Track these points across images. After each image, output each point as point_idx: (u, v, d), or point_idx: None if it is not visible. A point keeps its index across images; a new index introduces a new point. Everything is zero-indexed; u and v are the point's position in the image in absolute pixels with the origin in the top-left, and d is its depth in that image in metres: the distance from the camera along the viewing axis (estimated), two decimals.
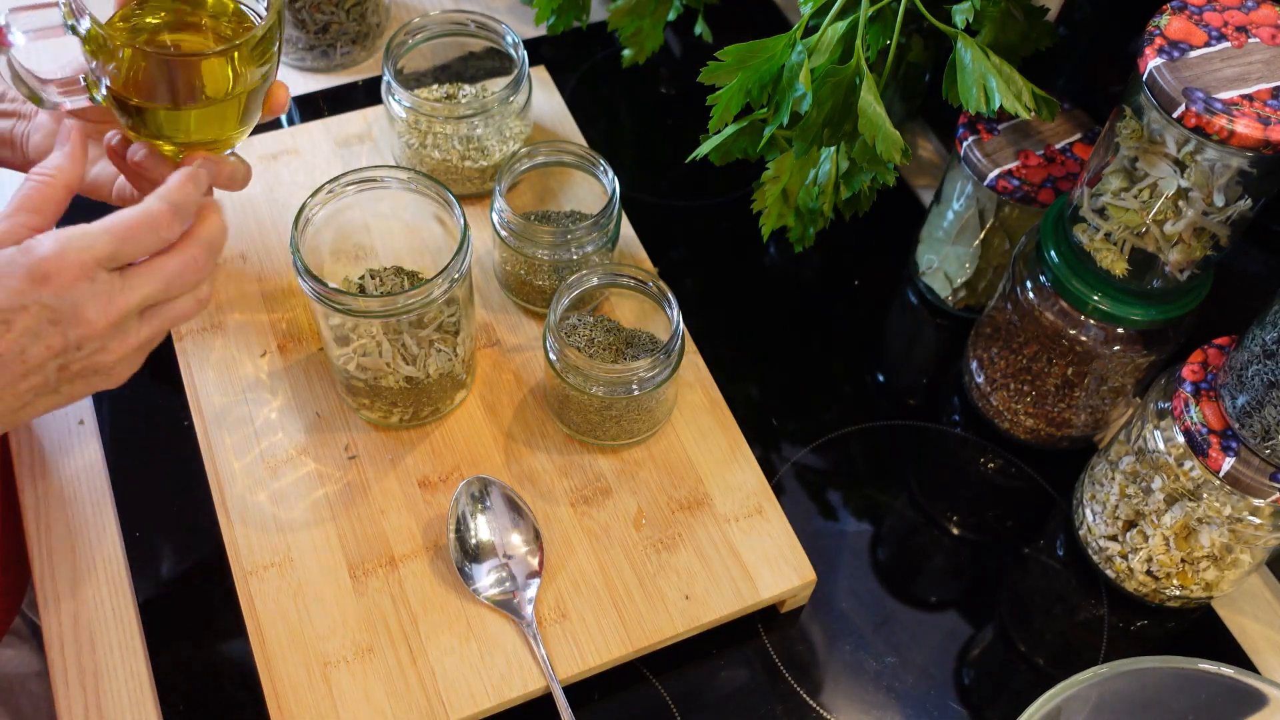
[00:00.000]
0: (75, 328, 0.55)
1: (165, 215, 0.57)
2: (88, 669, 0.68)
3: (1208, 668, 0.60)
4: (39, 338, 0.54)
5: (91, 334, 0.55)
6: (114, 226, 0.55)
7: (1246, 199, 0.61)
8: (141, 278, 0.57)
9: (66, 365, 0.56)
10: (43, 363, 0.55)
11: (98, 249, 0.55)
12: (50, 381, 0.56)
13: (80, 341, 0.55)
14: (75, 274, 0.54)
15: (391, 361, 0.71)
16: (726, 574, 0.70)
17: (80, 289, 0.54)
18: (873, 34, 0.72)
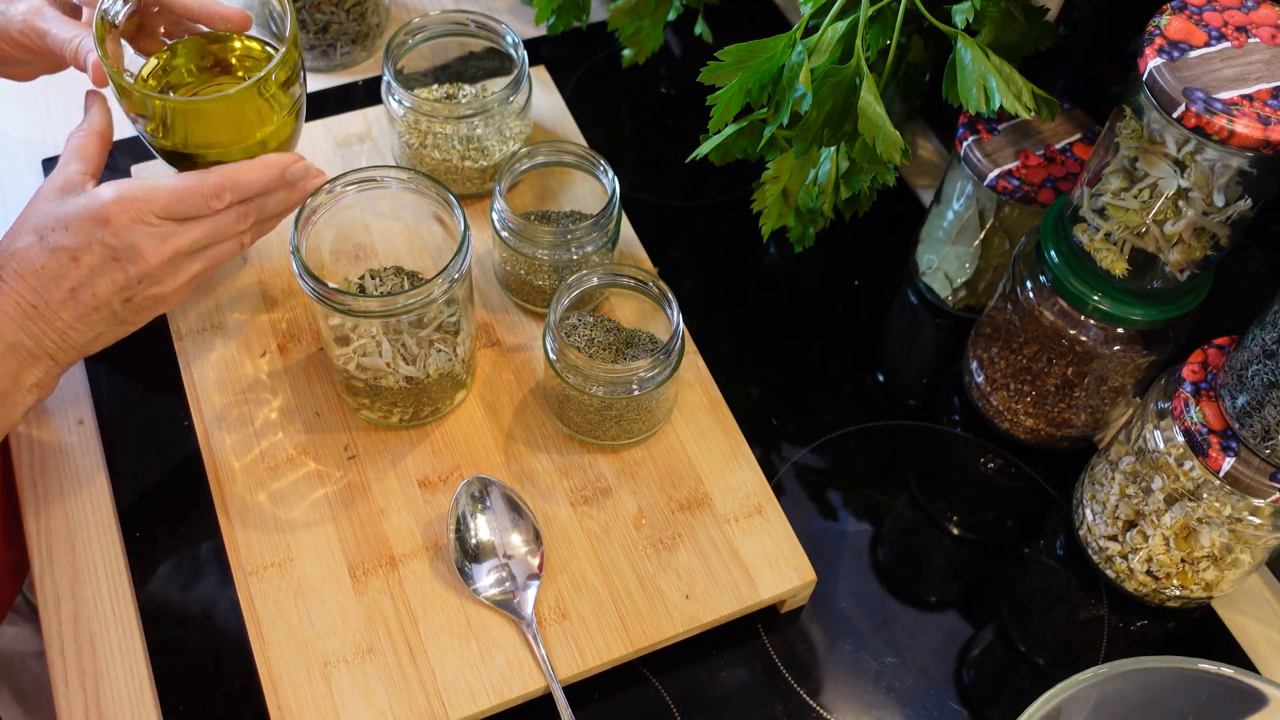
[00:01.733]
0: (134, 264, 0.63)
1: (220, 189, 0.65)
2: (88, 669, 0.68)
3: (1208, 668, 0.60)
4: (104, 273, 0.62)
5: (149, 270, 0.63)
6: (174, 187, 0.64)
7: (1246, 199, 0.61)
8: (193, 224, 0.65)
9: (130, 298, 0.64)
10: (109, 296, 0.63)
11: (154, 201, 0.63)
12: (118, 312, 0.65)
13: (140, 276, 0.63)
14: (132, 217, 0.62)
15: (391, 361, 0.71)
16: (726, 574, 0.70)
17: (137, 231, 0.62)
18: (873, 34, 0.72)
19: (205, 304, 0.80)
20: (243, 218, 0.67)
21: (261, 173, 0.66)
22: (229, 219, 0.66)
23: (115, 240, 0.62)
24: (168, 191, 0.63)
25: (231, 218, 0.66)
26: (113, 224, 0.62)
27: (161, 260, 0.63)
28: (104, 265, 0.62)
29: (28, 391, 0.64)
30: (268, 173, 0.67)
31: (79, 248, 0.62)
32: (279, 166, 0.67)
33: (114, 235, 0.62)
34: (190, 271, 0.66)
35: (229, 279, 0.81)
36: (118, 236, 0.62)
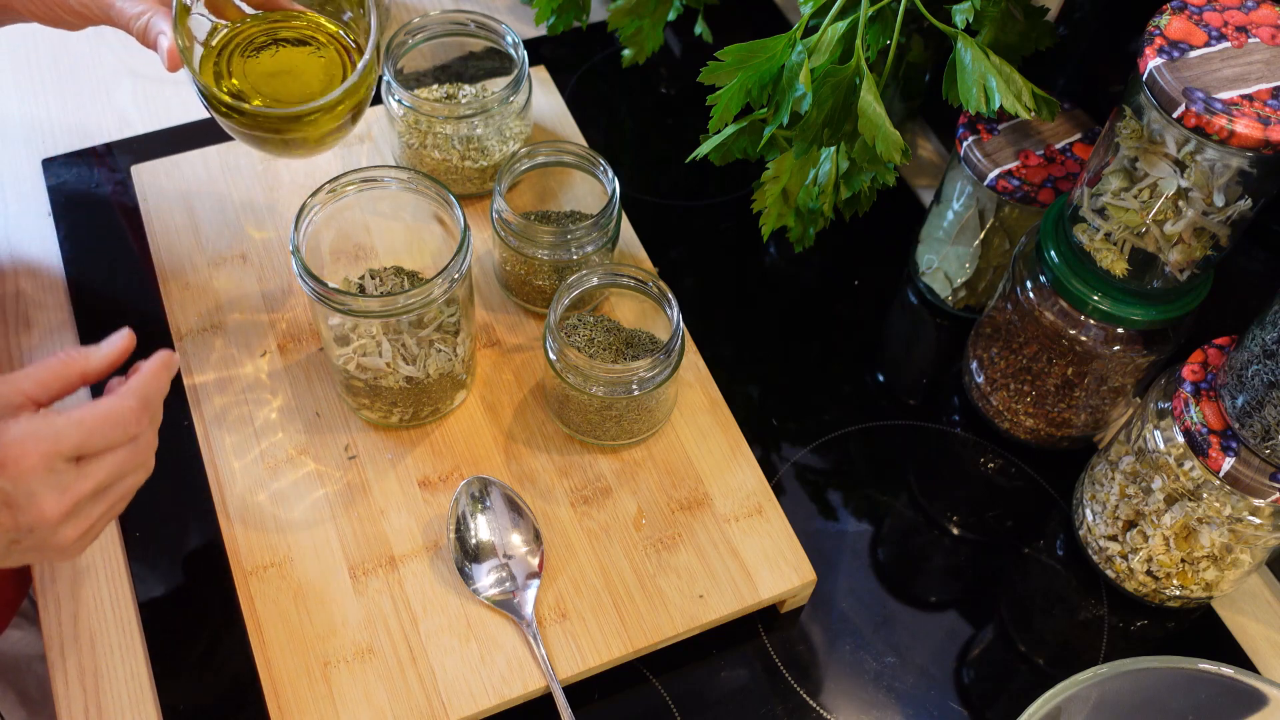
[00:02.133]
0: (27, 514, 0.55)
1: (135, 412, 0.58)
2: (88, 669, 0.68)
3: (1208, 668, 0.60)
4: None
5: (43, 521, 0.55)
6: (84, 420, 0.56)
7: (1246, 199, 0.61)
8: (96, 465, 0.57)
9: (17, 540, 0.56)
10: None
11: (63, 443, 0.55)
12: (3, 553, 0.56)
13: (32, 526, 0.55)
14: (35, 464, 0.54)
15: (391, 361, 0.71)
16: (726, 574, 0.70)
17: (37, 479, 0.54)
18: (873, 34, 0.72)
19: (205, 304, 0.80)
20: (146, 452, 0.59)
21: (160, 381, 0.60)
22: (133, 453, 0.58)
23: (11, 487, 0.54)
24: (79, 429, 0.55)
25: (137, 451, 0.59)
26: (10, 470, 0.54)
27: (61, 512, 0.55)
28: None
29: None
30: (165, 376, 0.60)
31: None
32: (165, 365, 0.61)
33: (11, 482, 0.54)
34: (92, 518, 0.57)
35: (229, 279, 0.81)
36: (14, 483, 0.54)
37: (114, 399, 0.58)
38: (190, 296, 0.80)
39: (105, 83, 0.96)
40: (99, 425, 0.56)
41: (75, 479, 0.56)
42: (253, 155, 0.88)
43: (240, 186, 0.86)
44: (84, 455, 0.56)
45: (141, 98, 0.95)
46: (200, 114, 0.94)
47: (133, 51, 0.99)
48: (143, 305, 0.81)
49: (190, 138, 0.91)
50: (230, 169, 0.87)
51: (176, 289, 0.81)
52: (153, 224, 0.84)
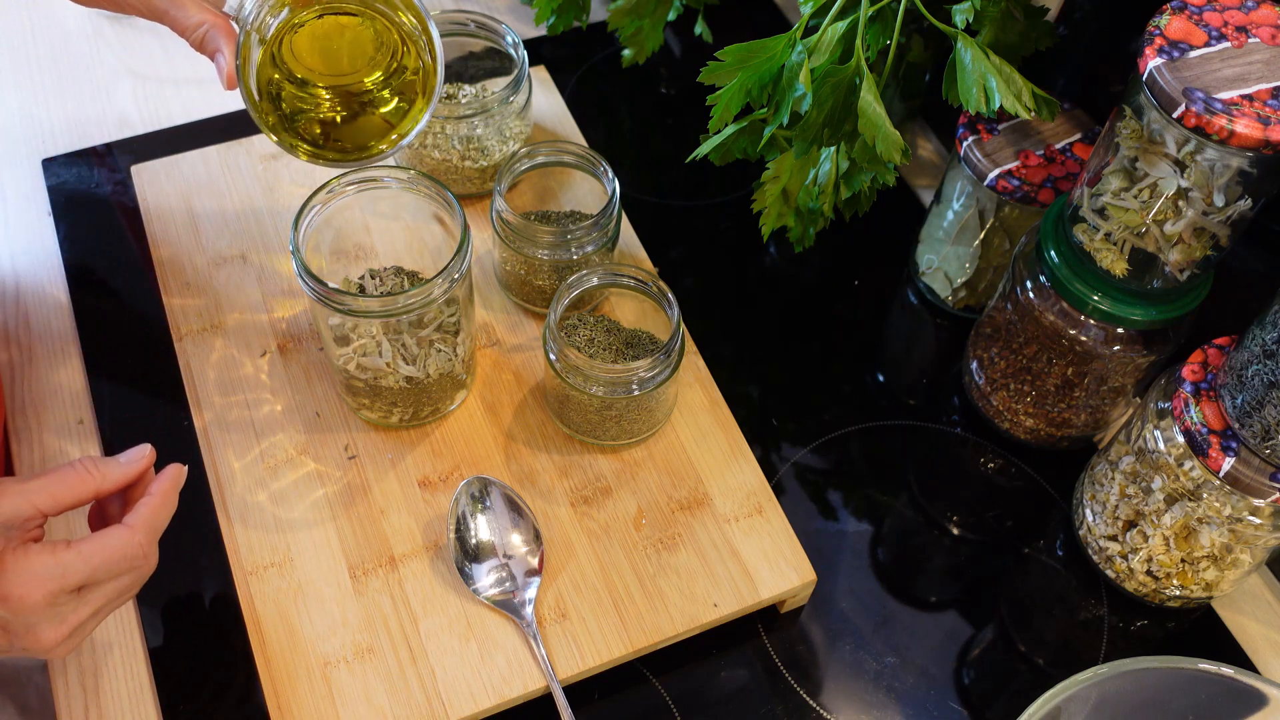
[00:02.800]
0: (23, 640, 0.56)
1: (144, 548, 0.58)
2: (88, 669, 0.68)
3: (1208, 668, 0.60)
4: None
5: (39, 646, 0.56)
6: (91, 557, 0.56)
7: (1246, 199, 0.61)
8: (97, 593, 0.57)
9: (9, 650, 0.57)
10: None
11: (68, 580, 0.55)
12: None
13: (26, 648, 0.56)
14: (38, 601, 0.55)
15: (391, 361, 0.71)
16: (726, 574, 0.70)
17: (38, 614, 0.55)
18: (873, 34, 0.72)
19: (205, 304, 0.80)
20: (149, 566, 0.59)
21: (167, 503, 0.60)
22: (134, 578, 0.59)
23: (11, 617, 0.54)
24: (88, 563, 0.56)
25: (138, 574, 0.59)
26: (12, 603, 0.54)
27: (57, 639, 0.56)
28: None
29: None
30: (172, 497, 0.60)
31: None
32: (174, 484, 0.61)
33: (11, 613, 0.54)
34: (86, 632, 0.58)
35: (230, 279, 0.81)
36: (14, 615, 0.54)
37: (123, 533, 0.58)
38: (190, 296, 0.80)
39: (105, 83, 0.96)
40: (106, 562, 0.57)
41: (75, 609, 0.57)
42: (253, 155, 0.88)
43: (240, 186, 0.86)
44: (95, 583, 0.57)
45: (141, 98, 0.95)
46: (200, 114, 0.94)
47: (133, 51, 0.99)
48: (143, 305, 0.81)
49: (190, 138, 0.92)
50: (230, 169, 0.87)
51: (176, 289, 0.81)
52: (153, 224, 0.84)
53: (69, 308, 0.82)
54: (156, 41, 0.99)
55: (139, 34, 1.00)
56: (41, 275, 0.84)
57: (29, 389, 0.79)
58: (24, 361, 0.80)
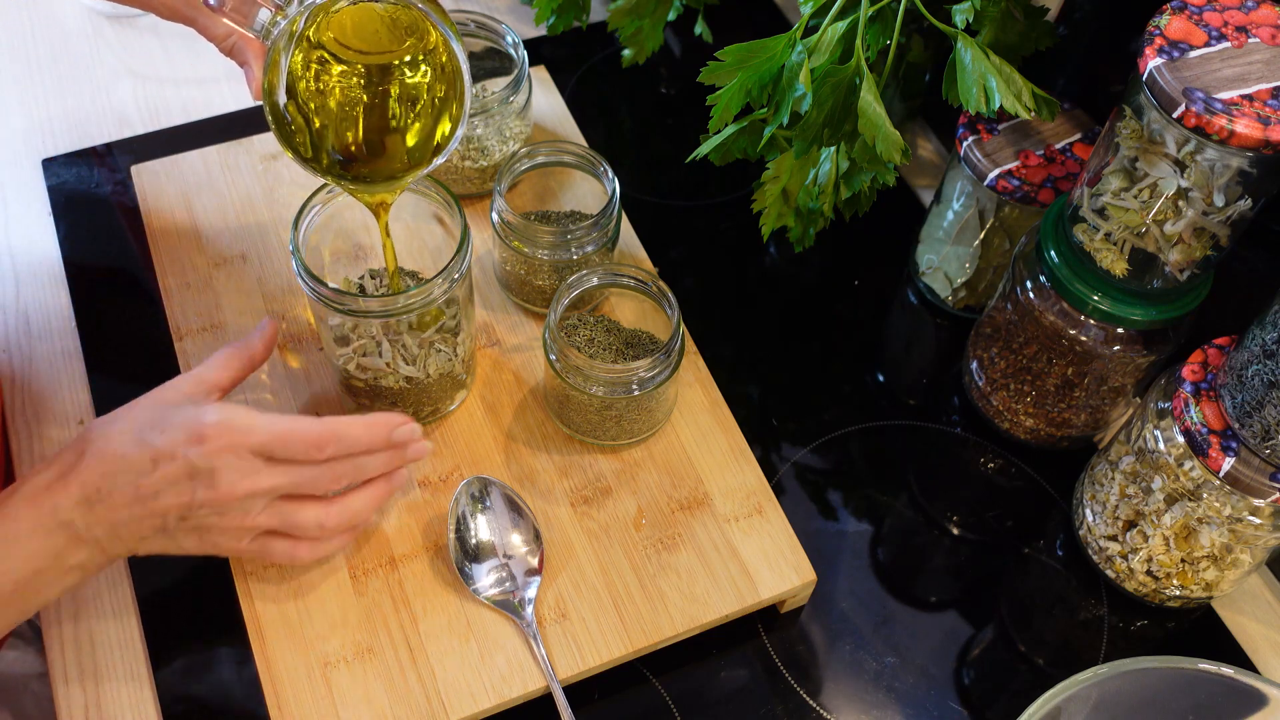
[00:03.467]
0: (206, 489, 0.60)
1: (321, 439, 0.62)
2: (88, 669, 0.68)
3: (1208, 668, 0.60)
4: (174, 486, 0.60)
5: (216, 499, 0.60)
6: (277, 426, 0.61)
7: (1246, 199, 0.61)
8: (280, 469, 0.62)
9: (186, 518, 0.61)
10: (168, 510, 0.60)
11: (254, 436, 0.61)
12: (170, 528, 0.61)
13: (205, 502, 0.60)
14: (224, 445, 0.60)
15: (391, 361, 0.71)
16: (726, 574, 0.70)
17: (224, 458, 0.60)
18: (873, 34, 0.72)
19: (205, 303, 0.80)
20: (335, 478, 0.64)
21: (367, 431, 0.64)
22: (319, 472, 0.63)
23: (201, 461, 0.60)
24: (270, 429, 0.61)
25: (324, 473, 0.63)
26: (205, 445, 0.60)
27: (234, 496, 0.60)
28: (178, 479, 0.60)
29: (68, 572, 0.61)
30: (374, 432, 0.64)
31: (164, 454, 0.60)
32: (387, 426, 0.64)
33: (202, 456, 0.60)
34: (255, 520, 0.62)
35: (230, 279, 0.81)
36: (205, 458, 0.60)
37: (307, 419, 0.63)
38: (190, 296, 0.80)
39: (105, 83, 0.96)
40: (286, 432, 0.61)
41: (256, 470, 0.61)
42: (253, 155, 0.88)
43: (240, 186, 0.86)
44: (270, 456, 0.61)
45: (141, 98, 0.95)
46: (200, 114, 0.94)
47: (133, 51, 0.99)
48: (143, 305, 0.81)
49: (190, 138, 0.92)
50: (230, 169, 0.87)
51: (176, 289, 0.81)
52: (153, 224, 0.84)
53: (69, 308, 0.82)
54: (156, 41, 0.99)
55: (139, 34, 1.00)
56: (41, 275, 0.84)
57: (29, 389, 0.79)
58: (24, 361, 0.80)
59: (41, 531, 0.59)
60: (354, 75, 0.64)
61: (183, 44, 0.99)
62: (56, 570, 0.60)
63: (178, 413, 0.61)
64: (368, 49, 0.64)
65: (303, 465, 0.63)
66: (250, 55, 0.68)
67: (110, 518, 0.60)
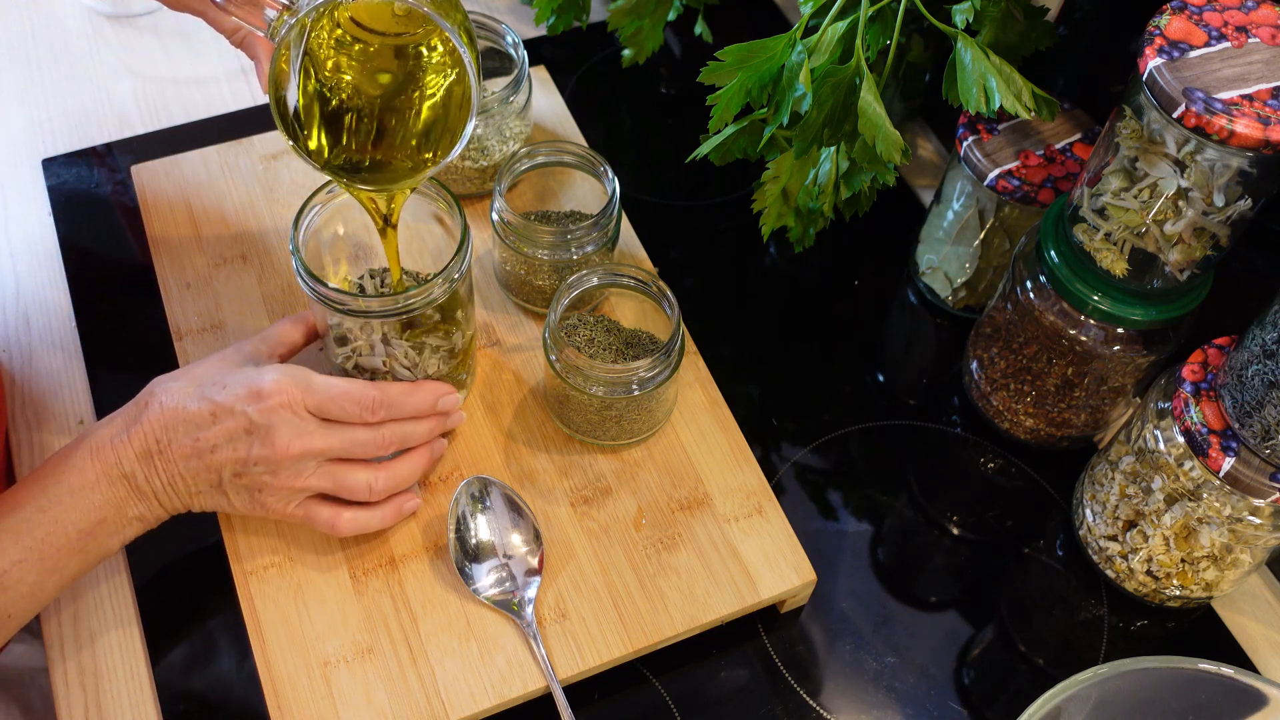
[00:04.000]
0: (262, 445, 0.63)
1: (375, 402, 0.66)
2: (88, 669, 0.68)
3: (1208, 668, 0.60)
4: (232, 441, 0.63)
5: (271, 456, 0.63)
6: (331, 386, 0.65)
7: (1246, 199, 0.61)
8: (334, 431, 0.65)
9: (241, 474, 0.64)
10: (224, 464, 0.63)
11: (309, 395, 0.64)
12: (224, 482, 0.64)
13: (260, 459, 0.63)
14: (283, 401, 0.63)
15: (387, 361, 0.71)
16: (726, 574, 0.70)
17: (281, 415, 0.63)
18: (873, 34, 0.72)
19: (205, 303, 0.80)
20: (385, 443, 0.67)
21: (416, 397, 0.68)
22: (370, 436, 0.66)
23: (259, 417, 0.63)
24: (326, 390, 0.64)
25: (375, 437, 0.66)
26: (264, 401, 0.63)
27: (289, 454, 0.63)
28: (236, 434, 0.63)
29: (128, 523, 0.63)
30: (421, 398, 0.69)
31: (224, 409, 0.63)
32: (434, 394, 0.69)
33: (260, 412, 0.63)
34: (306, 481, 0.65)
35: (230, 279, 0.81)
36: (263, 415, 0.63)
37: (365, 384, 0.67)
38: (190, 296, 0.80)
39: (105, 83, 0.96)
40: (341, 393, 0.65)
41: (314, 429, 0.64)
42: (253, 155, 0.88)
43: (240, 186, 0.86)
44: (324, 416, 0.65)
45: (141, 98, 0.95)
46: (200, 114, 0.94)
47: (133, 51, 0.99)
48: (143, 305, 0.81)
49: (190, 138, 0.92)
50: (230, 169, 0.87)
51: (176, 289, 0.81)
52: (153, 224, 0.84)
53: (69, 308, 0.82)
54: (156, 41, 0.99)
55: (139, 34, 1.00)
56: (41, 275, 0.84)
57: (29, 389, 0.79)
58: (24, 361, 0.80)
59: (105, 482, 0.62)
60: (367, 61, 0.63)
61: (183, 44, 0.99)
62: (118, 521, 0.63)
63: (239, 371, 0.65)
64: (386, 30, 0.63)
65: (355, 428, 0.66)
66: (259, 50, 0.68)
67: (169, 470, 0.63)
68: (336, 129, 0.64)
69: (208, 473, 0.63)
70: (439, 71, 0.64)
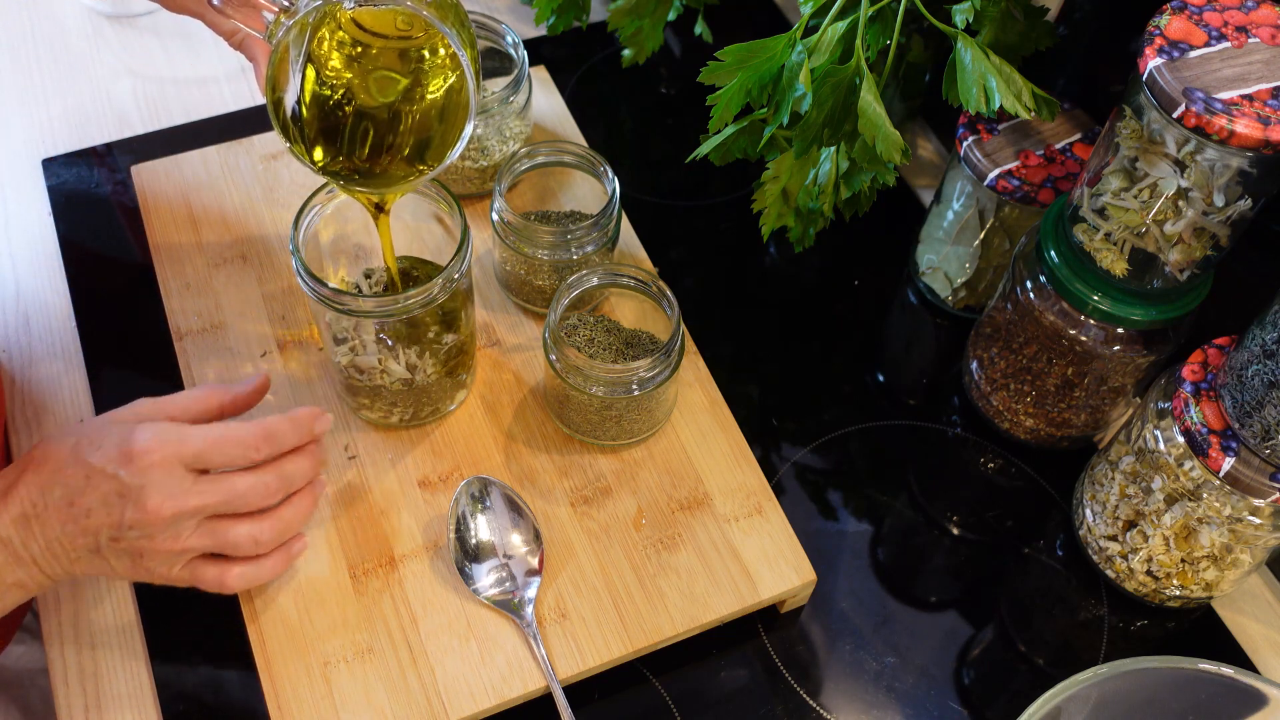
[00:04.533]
0: (135, 509, 0.59)
1: (256, 439, 0.62)
2: (88, 669, 0.68)
3: (1208, 668, 0.60)
4: (105, 504, 0.59)
5: (145, 520, 0.59)
6: (209, 433, 0.61)
7: (1246, 199, 0.61)
8: (210, 484, 0.61)
9: (117, 538, 0.60)
10: (99, 528, 0.60)
11: (186, 448, 0.60)
12: (102, 547, 0.60)
13: (133, 522, 0.59)
14: (154, 461, 0.59)
15: (382, 358, 0.71)
16: (726, 574, 0.70)
17: (153, 475, 0.59)
18: (873, 34, 0.72)
19: (205, 303, 0.80)
20: (266, 489, 0.63)
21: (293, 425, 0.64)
22: (251, 483, 0.62)
23: (131, 478, 0.59)
24: (204, 437, 0.61)
25: (255, 483, 0.63)
26: (135, 463, 0.59)
27: (162, 515, 0.59)
28: (110, 498, 0.59)
29: (8, 589, 0.60)
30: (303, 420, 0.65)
31: (96, 471, 0.59)
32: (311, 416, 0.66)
33: (131, 474, 0.59)
34: (186, 542, 0.61)
35: (230, 279, 0.81)
36: (134, 475, 0.59)
37: (239, 423, 0.63)
38: (190, 296, 0.80)
39: (105, 83, 0.96)
40: (219, 437, 0.61)
41: (188, 488, 0.60)
42: (253, 155, 0.88)
43: (240, 186, 0.86)
44: (204, 469, 0.61)
45: (141, 98, 0.95)
46: (200, 114, 0.94)
47: (133, 51, 0.99)
48: (143, 305, 0.81)
49: (190, 138, 0.92)
50: (230, 169, 0.87)
51: (176, 289, 0.81)
52: (153, 224, 0.84)
53: (69, 308, 0.82)
54: (156, 41, 0.99)
55: (139, 34, 1.00)
56: (41, 275, 0.84)
57: (29, 389, 0.79)
58: (24, 361, 0.80)
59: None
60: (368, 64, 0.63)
61: (183, 44, 0.99)
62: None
63: (116, 430, 0.61)
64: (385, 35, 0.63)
65: (234, 477, 0.62)
66: (258, 51, 0.68)
67: (46, 535, 0.60)
68: (335, 130, 0.63)
69: (84, 536, 0.60)
70: (439, 75, 0.64)
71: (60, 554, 0.60)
